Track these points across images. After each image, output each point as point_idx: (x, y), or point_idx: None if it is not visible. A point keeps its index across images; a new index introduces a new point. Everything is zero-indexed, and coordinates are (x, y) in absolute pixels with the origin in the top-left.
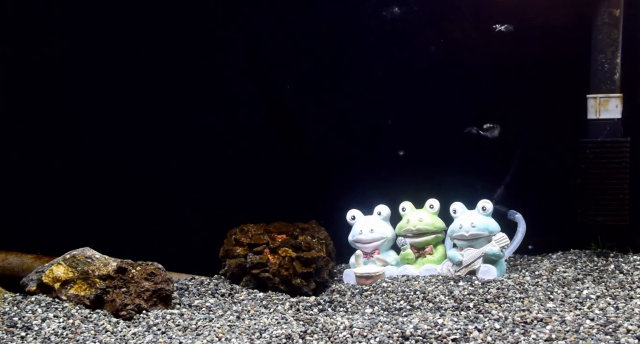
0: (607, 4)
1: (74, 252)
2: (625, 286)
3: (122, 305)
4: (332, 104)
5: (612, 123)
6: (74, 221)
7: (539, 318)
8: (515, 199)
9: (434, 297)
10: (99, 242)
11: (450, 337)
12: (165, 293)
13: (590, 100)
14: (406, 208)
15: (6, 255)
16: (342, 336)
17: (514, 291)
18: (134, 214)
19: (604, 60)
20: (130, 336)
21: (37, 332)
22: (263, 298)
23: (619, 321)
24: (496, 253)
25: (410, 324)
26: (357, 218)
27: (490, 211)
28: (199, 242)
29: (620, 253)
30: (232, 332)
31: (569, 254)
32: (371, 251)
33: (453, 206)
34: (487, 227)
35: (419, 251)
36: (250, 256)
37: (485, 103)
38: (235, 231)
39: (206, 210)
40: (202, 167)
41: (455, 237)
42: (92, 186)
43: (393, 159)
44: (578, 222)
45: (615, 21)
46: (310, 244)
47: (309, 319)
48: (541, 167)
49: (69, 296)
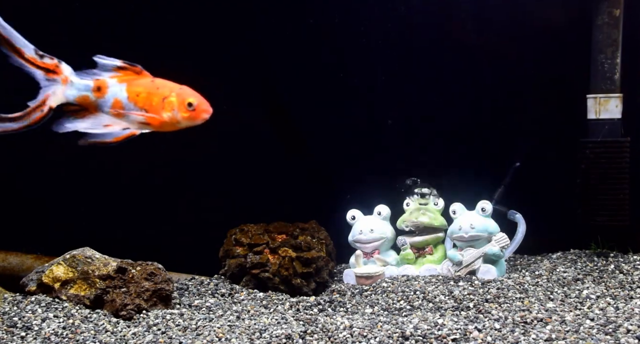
0: (607, 4)
1: (74, 252)
2: (625, 286)
3: (122, 305)
4: (333, 104)
5: (612, 123)
6: (74, 221)
7: (539, 318)
8: (515, 199)
9: (434, 297)
10: (99, 242)
11: (450, 337)
12: (165, 293)
13: (590, 100)
14: (410, 203)
15: (6, 255)
16: (342, 336)
17: (514, 291)
18: (134, 214)
19: (604, 61)
20: (130, 336)
21: (37, 332)
22: (263, 298)
23: (619, 321)
24: (496, 253)
25: (410, 324)
26: (357, 218)
27: (490, 212)
28: (199, 242)
29: (620, 253)
30: (232, 332)
31: (569, 254)
32: (371, 251)
33: (452, 206)
34: (486, 229)
35: (419, 251)
36: (250, 256)
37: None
38: (235, 231)
39: (206, 210)
40: (202, 167)
41: (455, 239)
42: (92, 186)
43: (393, 159)
44: (578, 222)
45: (615, 21)
46: (310, 244)
47: (309, 319)
48: (541, 167)
49: (69, 296)
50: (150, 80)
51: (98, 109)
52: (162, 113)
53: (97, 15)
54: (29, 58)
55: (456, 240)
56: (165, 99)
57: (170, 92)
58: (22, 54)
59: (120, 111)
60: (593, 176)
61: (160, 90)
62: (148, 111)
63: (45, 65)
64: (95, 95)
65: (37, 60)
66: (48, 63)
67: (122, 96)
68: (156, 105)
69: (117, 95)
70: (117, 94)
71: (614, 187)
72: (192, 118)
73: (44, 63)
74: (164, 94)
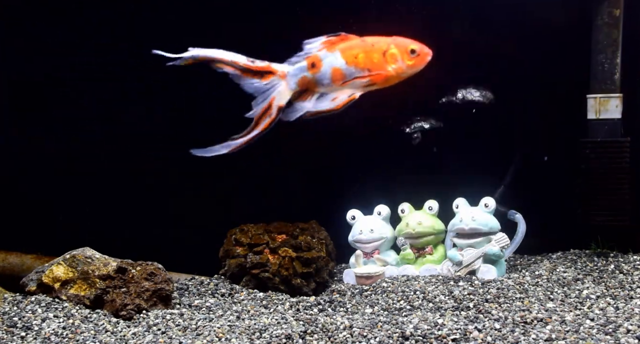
0: (607, 4)
1: (74, 252)
2: (625, 286)
3: (122, 305)
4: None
5: (612, 123)
6: (74, 221)
7: (539, 318)
8: (515, 199)
9: (434, 297)
10: (99, 243)
11: (450, 337)
12: (165, 293)
13: (590, 100)
14: (405, 210)
15: (6, 255)
16: (342, 336)
17: (514, 291)
18: (134, 214)
19: (604, 61)
20: (130, 336)
21: (37, 332)
22: (263, 298)
23: (619, 321)
24: (496, 253)
25: (410, 324)
26: (357, 218)
27: (493, 209)
28: (199, 242)
29: (620, 253)
30: (232, 332)
31: (569, 254)
32: (371, 251)
33: (456, 201)
34: (487, 223)
35: (419, 251)
36: (250, 256)
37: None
38: (235, 231)
39: (206, 210)
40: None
41: (456, 231)
42: (92, 185)
43: (393, 159)
44: (578, 222)
45: (615, 21)
46: (310, 244)
47: (309, 319)
48: (541, 167)
49: (69, 296)
50: (361, 40)
51: (318, 85)
52: (386, 67)
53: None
54: (245, 66)
55: (457, 232)
56: (386, 53)
57: (388, 45)
58: (237, 64)
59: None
60: (593, 176)
61: (376, 46)
62: (371, 69)
63: (260, 68)
64: (311, 72)
65: (251, 66)
66: (261, 66)
67: (339, 63)
68: (378, 61)
69: (334, 64)
70: (334, 62)
71: (614, 187)
72: (416, 64)
73: (257, 67)
74: (383, 48)
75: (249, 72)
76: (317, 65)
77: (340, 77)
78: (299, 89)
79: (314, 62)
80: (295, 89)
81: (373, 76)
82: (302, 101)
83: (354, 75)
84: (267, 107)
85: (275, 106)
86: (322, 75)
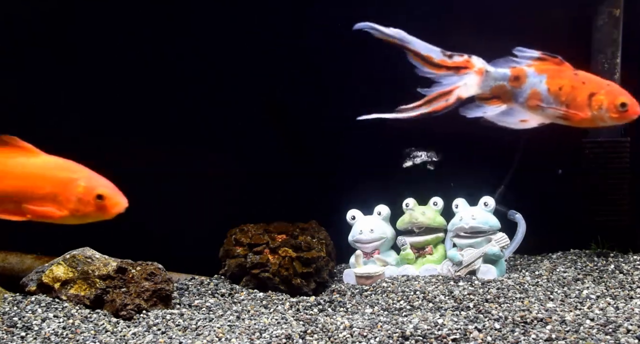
0: (607, 4)
1: (74, 252)
2: (625, 286)
3: (122, 305)
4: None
5: None
6: None
7: (539, 318)
8: (515, 199)
9: (434, 297)
10: (99, 243)
11: (450, 337)
12: (165, 293)
13: None
14: (410, 204)
15: (6, 255)
16: (342, 336)
17: (514, 291)
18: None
19: (604, 61)
20: (130, 336)
21: (37, 332)
22: (263, 298)
23: (619, 321)
24: (496, 253)
25: (410, 324)
26: (357, 218)
27: (492, 208)
28: (199, 242)
29: (620, 253)
30: (232, 332)
31: (569, 254)
32: (371, 251)
33: (456, 201)
34: (487, 222)
35: (419, 251)
36: (250, 256)
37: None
38: (235, 231)
39: (206, 210)
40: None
41: (456, 230)
42: None
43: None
44: (578, 222)
45: (615, 21)
46: (310, 244)
47: (309, 319)
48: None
49: (69, 296)
50: (573, 73)
51: (512, 99)
52: (587, 111)
53: None
54: (439, 62)
55: (457, 231)
56: (592, 96)
57: (599, 89)
58: (431, 60)
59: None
60: (593, 176)
61: (586, 85)
62: (569, 106)
63: (457, 64)
64: (511, 84)
65: (447, 61)
66: (459, 61)
67: (541, 87)
68: (580, 101)
69: (536, 86)
70: (536, 85)
71: (614, 187)
72: (621, 119)
73: (455, 62)
74: (591, 90)
75: (442, 67)
76: (520, 80)
77: (536, 101)
78: (491, 94)
79: (518, 75)
80: (486, 92)
81: (569, 113)
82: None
83: (550, 105)
84: (446, 92)
85: (456, 94)
86: (520, 93)
